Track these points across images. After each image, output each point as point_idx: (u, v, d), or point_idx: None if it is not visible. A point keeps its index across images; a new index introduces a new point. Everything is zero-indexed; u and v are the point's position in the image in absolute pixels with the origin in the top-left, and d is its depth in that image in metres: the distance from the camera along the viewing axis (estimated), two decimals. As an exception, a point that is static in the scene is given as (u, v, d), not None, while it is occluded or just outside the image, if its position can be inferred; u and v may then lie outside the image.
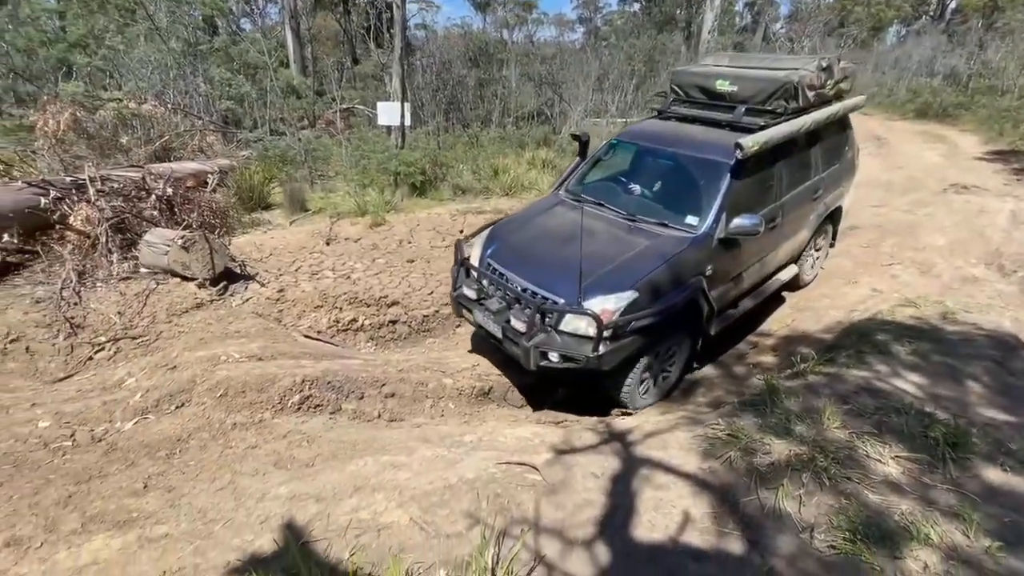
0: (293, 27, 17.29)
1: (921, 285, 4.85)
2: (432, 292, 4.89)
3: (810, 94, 4.04)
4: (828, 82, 4.24)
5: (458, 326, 4.76)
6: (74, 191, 4.83)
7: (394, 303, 4.64)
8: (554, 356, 3.13)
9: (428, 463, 2.50)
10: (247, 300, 4.44)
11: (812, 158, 4.42)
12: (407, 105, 9.77)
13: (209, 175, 7.27)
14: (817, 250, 5.18)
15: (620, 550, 1.92)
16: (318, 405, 3.10)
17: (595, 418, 3.34)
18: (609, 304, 3.09)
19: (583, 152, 4.49)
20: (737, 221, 3.45)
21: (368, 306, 4.59)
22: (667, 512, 2.13)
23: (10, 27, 13.14)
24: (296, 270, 5.06)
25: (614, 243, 3.52)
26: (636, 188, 4.08)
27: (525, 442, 2.75)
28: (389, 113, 9.61)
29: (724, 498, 2.21)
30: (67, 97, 8.47)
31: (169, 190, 5.41)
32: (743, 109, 4.04)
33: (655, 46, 16.45)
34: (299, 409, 3.05)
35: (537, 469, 2.37)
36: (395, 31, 10.46)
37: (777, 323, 4.71)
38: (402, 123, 9.61)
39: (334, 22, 21.77)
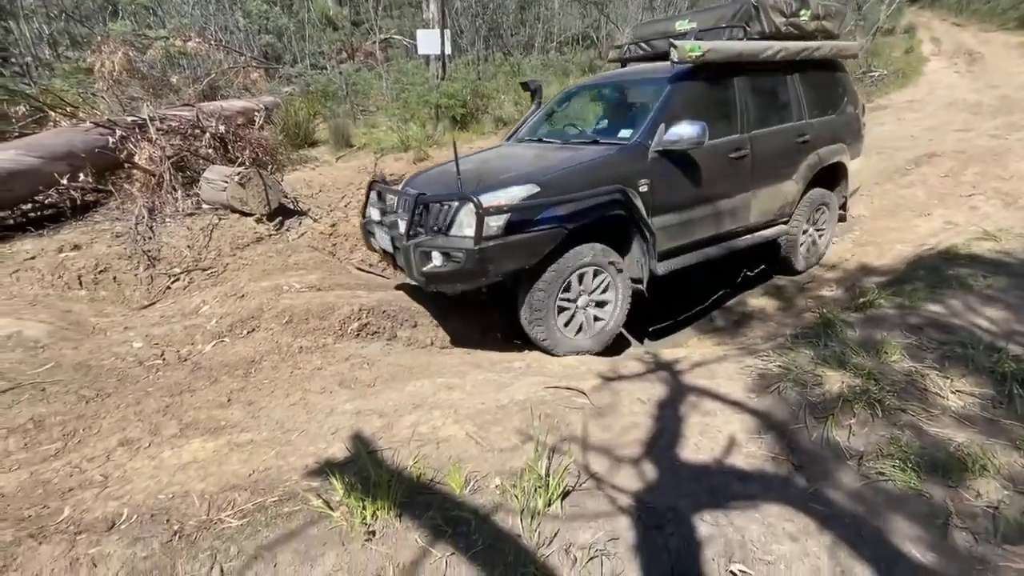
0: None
1: (1004, 218, 4.46)
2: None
3: (777, 19, 3.69)
4: (803, 13, 3.84)
5: None
6: (136, 131, 5.04)
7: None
8: (437, 257, 2.82)
9: (480, 385, 2.63)
10: (302, 235, 4.63)
11: (792, 95, 4.01)
12: (447, 33, 9.38)
13: (256, 112, 7.36)
14: (818, 227, 4.49)
15: (665, 468, 2.01)
16: (375, 332, 3.28)
17: (641, 348, 3.38)
18: (500, 197, 2.78)
19: (537, 101, 4.27)
20: (675, 129, 3.07)
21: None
22: (713, 436, 2.19)
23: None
24: (346, 206, 5.18)
25: (535, 159, 3.33)
26: (583, 124, 3.94)
27: (572, 369, 2.84)
28: (428, 42, 9.27)
29: (771, 425, 2.24)
30: (117, 37, 8.62)
31: (221, 128, 5.55)
32: (694, 33, 3.70)
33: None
34: (358, 335, 3.24)
35: (585, 393, 2.46)
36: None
37: (837, 257, 4.49)
38: (442, 52, 9.27)
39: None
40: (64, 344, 3.00)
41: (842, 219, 4.78)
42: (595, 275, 3.11)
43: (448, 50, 9.50)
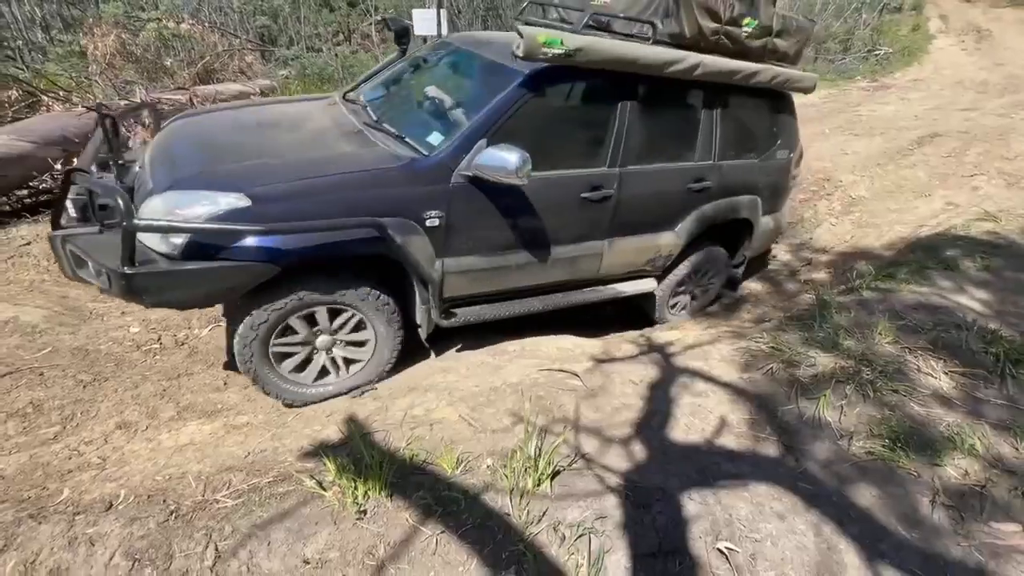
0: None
1: (1006, 198, 4.42)
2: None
3: (705, 23, 2.68)
4: (746, 22, 2.83)
5: None
6: (130, 115, 4.99)
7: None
8: (91, 265, 2.05)
9: (474, 368, 2.65)
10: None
11: (702, 128, 2.98)
12: (443, 12, 9.21)
13: (252, 96, 7.29)
14: (701, 286, 3.63)
15: (656, 448, 2.03)
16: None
17: (635, 331, 3.39)
18: (192, 204, 2.04)
19: (402, 49, 3.23)
20: (489, 152, 2.23)
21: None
22: (704, 417, 2.21)
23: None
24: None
25: (295, 146, 2.53)
26: (416, 103, 2.86)
27: (566, 352, 2.85)
28: (425, 22, 9.11)
29: (762, 406, 2.25)
30: (110, 19, 8.49)
31: (216, 112, 5.49)
32: (586, 18, 2.64)
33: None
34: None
35: (578, 375, 2.47)
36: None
37: (835, 239, 4.47)
38: (438, 32, 9.13)
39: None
40: (61, 329, 3.02)
41: (732, 284, 3.86)
42: (336, 313, 2.40)
43: (445, 30, 9.35)
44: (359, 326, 2.48)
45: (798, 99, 3.52)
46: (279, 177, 2.16)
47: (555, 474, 1.83)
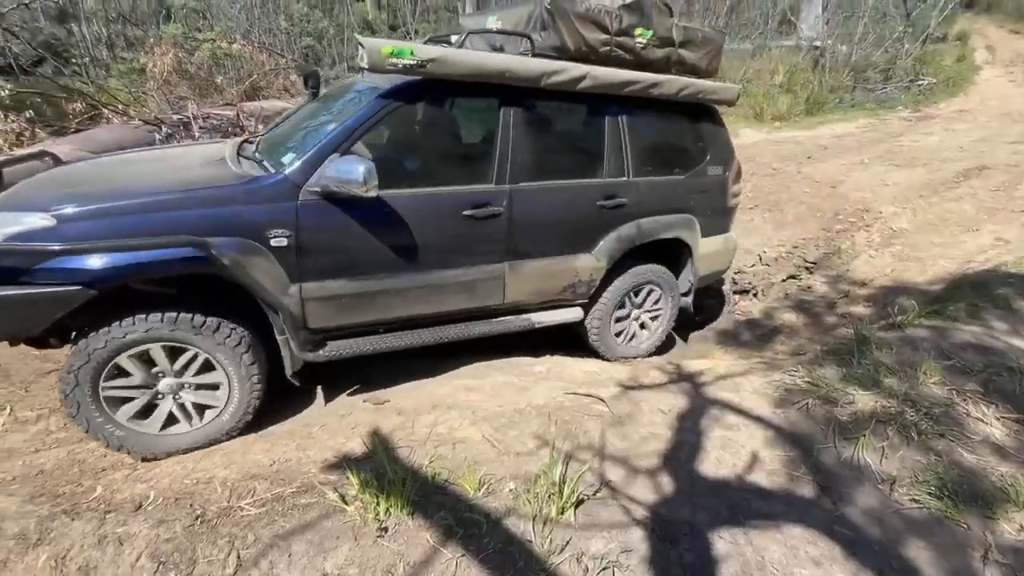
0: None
1: (1061, 235, 4.20)
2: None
3: (590, 34, 2.61)
4: (639, 32, 2.74)
5: None
6: (181, 128, 5.26)
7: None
8: None
9: (499, 388, 2.63)
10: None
11: (606, 143, 2.85)
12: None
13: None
14: (648, 310, 3.36)
15: (684, 481, 1.96)
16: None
17: (662, 358, 3.32)
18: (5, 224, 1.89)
19: (311, 93, 3.18)
20: (335, 163, 2.13)
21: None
22: (735, 451, 2.13)
23: (116, -28, 14.01)
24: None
25: (157, 172, 2.46)
26: (302, 126, 2.71)
27: (592, 376, 2.81)
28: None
29: (797, 443, 2.16)
30: (169, 39, 9.03)
31: (260, 128, 5.73)
32: (463, 37, 2.56)
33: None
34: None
35: (604, 401, 2.43)
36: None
37: (874, 272, 4.32)
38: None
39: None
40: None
41: (686, 313, 3.53)
42: (177, 352, 2.13)
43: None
44: (207, 366, 2.19)
45: (832, 128, 3.44)
46: (98, 198, 2.02)
47: (579, 502, 1.78)
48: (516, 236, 2.64)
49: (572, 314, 3.03)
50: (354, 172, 2.06)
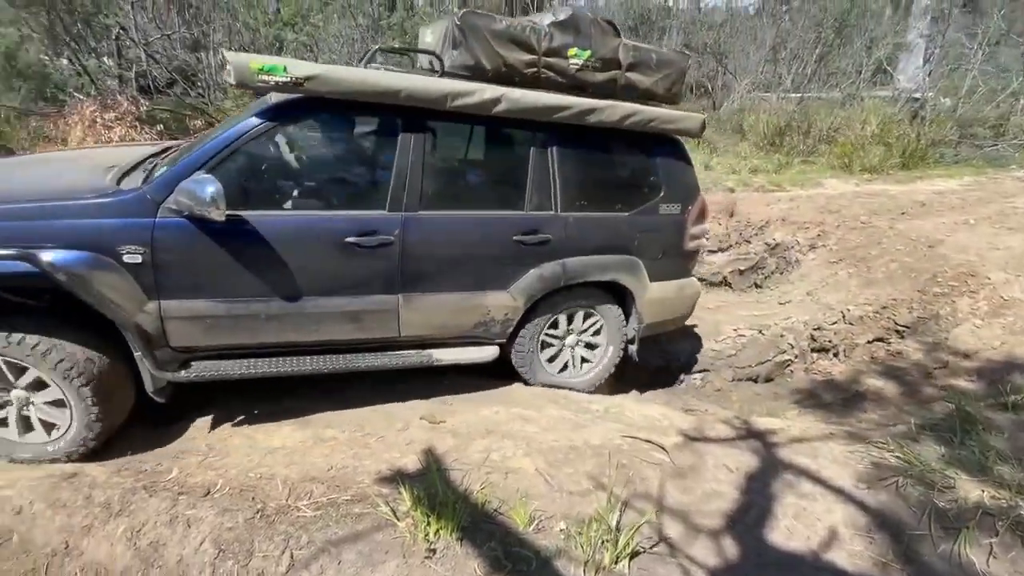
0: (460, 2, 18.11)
1: None
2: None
3: (510, 54, 2.43)
4: (572, 53, 2.53)
5: None
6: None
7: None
8: None
9: (555, 422, 2.58)
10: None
11: (531, 173, 2.61)
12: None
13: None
14: (586, 341, 3.08)
15: (750, 548, 1.80)
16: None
17: (731, 412, 3.13)
18: None
19: None
20: (186, 182, 2.04)
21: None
22: (810, 523, 1.94)
23: (242, 9, 15.86)
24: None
25: (43, 177, 2.46)
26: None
27: (653, 421, 2.69)
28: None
29: (884, 526, 1.94)
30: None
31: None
32: (370, 53, 2.54)
33: (851, 7, 14.06)
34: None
35: (665, 449, 2.31)
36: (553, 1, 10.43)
37: (980, 343, 3.89)
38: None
39: (498, -6, 22.33)
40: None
41: (625, 359, 3.17)
42: (17, 368, 2.06)
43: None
44: (41, 384, 2.10)
45: (932, 184, 3.16)
46: None
47: (635, 554, 1.69)
48: (411, 267, 2.45)
49: (484, 353, 2.76)
50: (201, 192, 1.97)
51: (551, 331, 2.96)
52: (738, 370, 3.87)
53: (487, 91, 2.33)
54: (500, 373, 3.06)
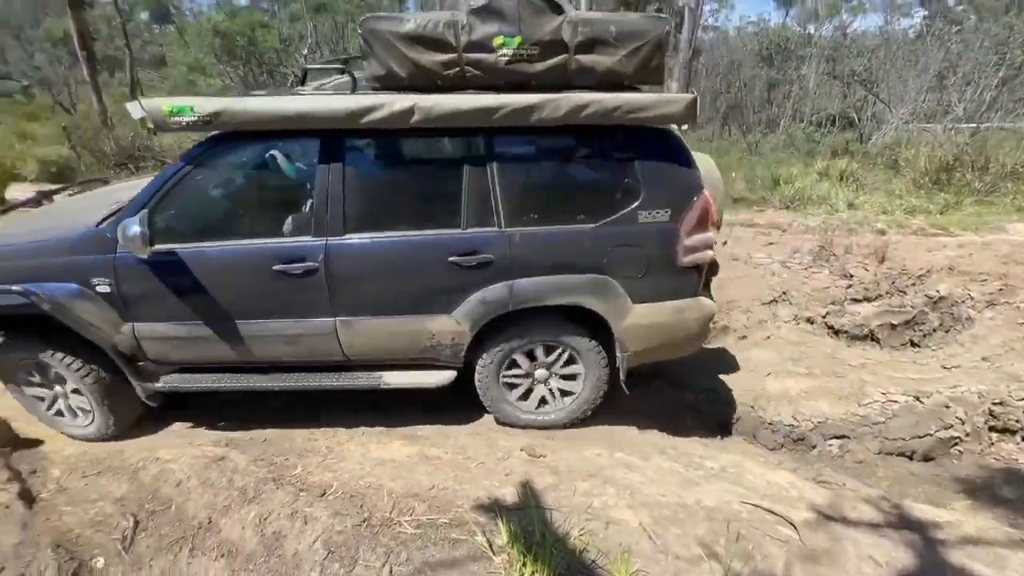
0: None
1: None
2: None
3: (423, 56, 2.17)
4: (497, 43, 2.14)
5: (742, 337, 4.35)
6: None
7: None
8: None
9: (662, 474, 2.39)
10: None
11: (464, 188, 2.35)
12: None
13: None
14: (560, 373, 2.68)
15: (906, 670, 1.48)
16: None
17: (876, 491, 2.66)
18: None
19: None
20: (122, 223, 2.17)
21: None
22: (992, 654, 1.54)
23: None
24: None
25: (75, 215, 2.72)
26: None
27: (778, 489, 2.38)
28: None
29: None
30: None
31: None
32: (303, 80, 2.60)
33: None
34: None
35: (794, 525, 2.02)
36: (683, 35, 10.25)
37: None
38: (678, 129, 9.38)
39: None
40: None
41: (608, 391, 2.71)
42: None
43: (684, 126, 9.57)
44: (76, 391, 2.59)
45: None
46: None
47: (753, 645, 1.47)
48: (341, 292, 2.41)
49: (439, 378, 2.60)
50: (128, 232, 2.14)
51: (510, 371, 2.66)
52: (887, 442, 3.29)
53: (396, 103, 2.14)
54: (604, 414, 2.94)
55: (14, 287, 2.30)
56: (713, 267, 2.66)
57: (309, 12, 13.67)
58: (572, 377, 2.70)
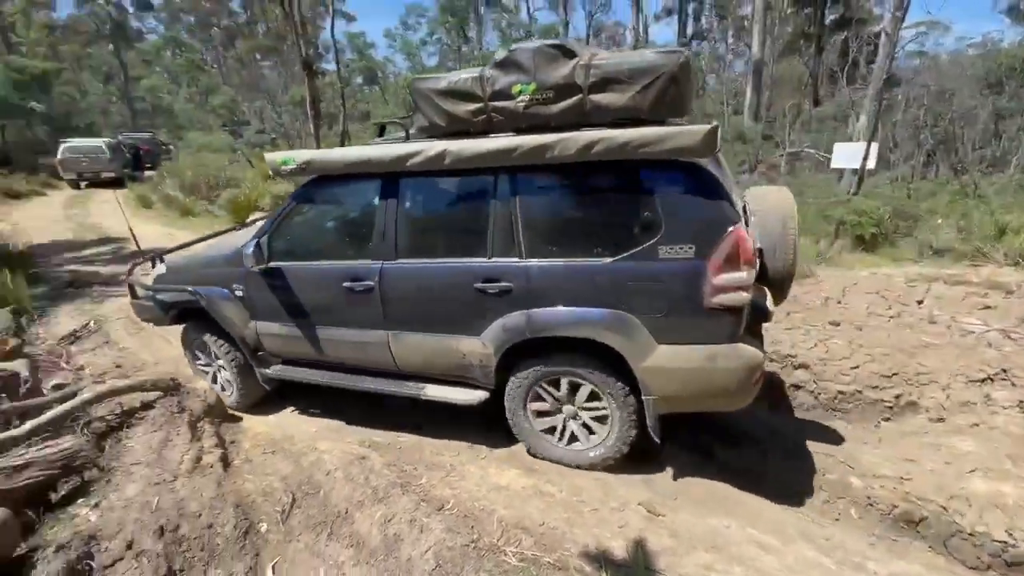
0: (755, 77, 17.58)
1: None
2: (857, 367, 3.97)
3: (456, 107, 2.51)
4: (515, 90, 2.34)
5: (886, 419, 3.67)
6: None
7: (802, 366, 4.02)
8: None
9: (805, 565, 2.04)
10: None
11: (490, 221, 2.51)
12: (874, 146, 8.28)
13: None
14: (589, 410, 2.55)
15: None
16: (689, 444, 3.05)
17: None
18: (156, 270, 3.51)
19: None
20: (243, 248, 2.92)
21: (771, 361, 4.17)
22: None
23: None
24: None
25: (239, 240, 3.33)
26: None
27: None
28: (847, 155, 8.44)
29: None
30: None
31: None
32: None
33: None
34: (674, 438, 3.08)
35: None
36: (877, 63, 9.06)
37: None
38: (862, 166, 8.23)
39: (800, 66, 20.81)
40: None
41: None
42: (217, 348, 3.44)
43: (871, 164, 8.36)
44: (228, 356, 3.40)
45: None
46: (182, 260, 3.45)
47: None
48: (391, 309, 2.78)
49: (469, 396, 2.79)
50: (246, 252, 2.85)
51: (536, 403, 2.73)
52: None
53: (432, 148, 2.47)
54: (740, 481, 2.63)
55: (188, 288, 3.26)
56: (763, 313, 2.45)
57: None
58: (603, 419, 2.66)
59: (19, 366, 3.17)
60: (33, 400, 2.87)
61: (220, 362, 3.44)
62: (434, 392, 2.87)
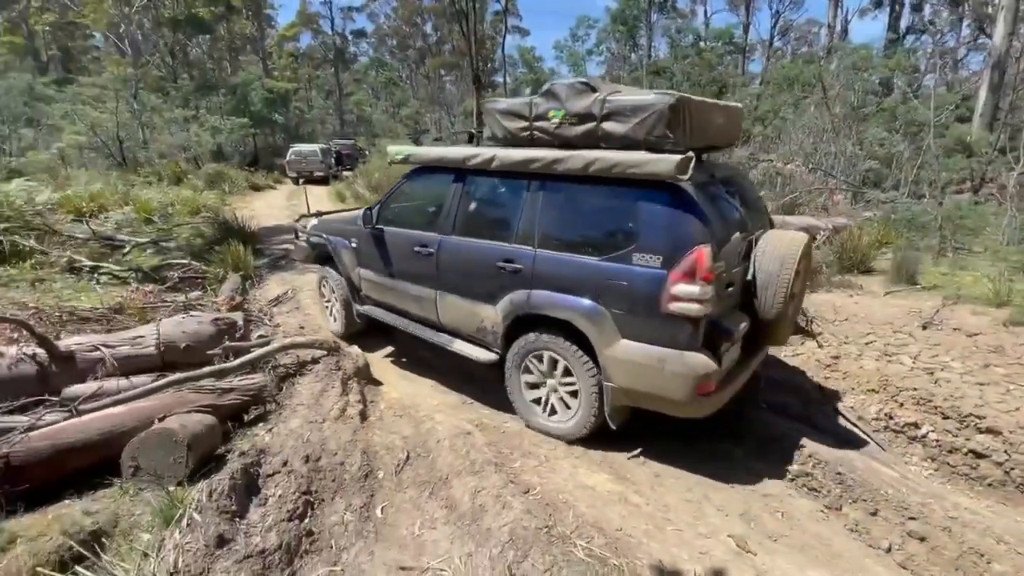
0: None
1: None
2: (1080, 446, 3.07)
3: (510, 124, 3.25)
4: (551, 114, 3.02)
5: None
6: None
7: (990, 430, 3.25)
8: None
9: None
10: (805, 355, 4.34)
11: (519, 213, 3.12)
12: None
13: (821, 231, 7.37)
14: (565, 384, 3.02)
15: None
16: (814, 488, 2.72)
17: None
18: (310, 223, 4.89)
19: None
20: (359, 213, 4.18)
21: (945, 418, 3.45)
22: None
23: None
24: (866, 344, 4.43)
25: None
26: None
27: None
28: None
29: None
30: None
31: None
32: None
33: None
34: (792, 479, 2.79)
35: None
36: (994, 40, 6.67)
37: None
38: None
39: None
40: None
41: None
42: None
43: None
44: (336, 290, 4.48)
45: None
46: (329, 218, 4.79)
47: None
48: (441, 273, 3.49)
49: (485, 355, 3.36)
50: (361, 216, 3.96)
51: (527, 375, 3.18)
52: None
53: (487, 152, 3.20)
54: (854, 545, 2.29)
55: (325, 235, 4.43)
56: (727, 334, 2.64)
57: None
58: (575, 394, 3.01)
59: (238, 317, 4.16)
60: (243, 343, 3.77)
61: (335, 295, 4.45)
62: (459, 347, 3.52)
